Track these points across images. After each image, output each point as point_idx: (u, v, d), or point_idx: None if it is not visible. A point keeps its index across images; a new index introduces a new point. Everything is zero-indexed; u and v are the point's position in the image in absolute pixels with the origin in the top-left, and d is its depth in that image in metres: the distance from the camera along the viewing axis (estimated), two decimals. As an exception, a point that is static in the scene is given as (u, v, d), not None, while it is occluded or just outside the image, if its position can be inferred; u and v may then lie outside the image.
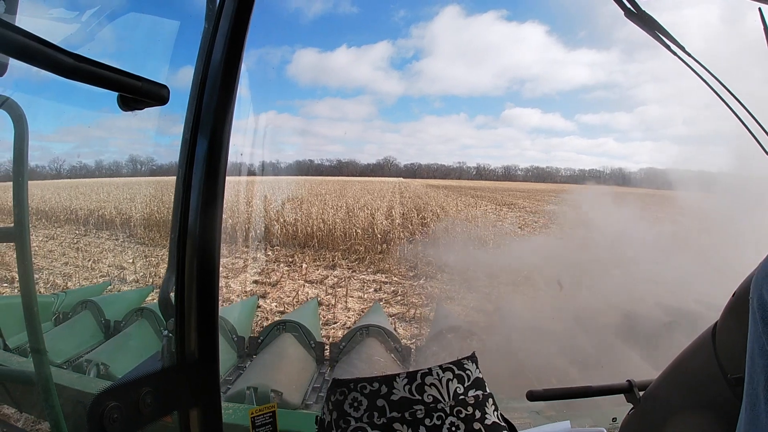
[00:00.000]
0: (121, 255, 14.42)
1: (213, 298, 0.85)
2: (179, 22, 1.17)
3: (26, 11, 1.12)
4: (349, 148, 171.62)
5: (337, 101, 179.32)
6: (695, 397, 1.12)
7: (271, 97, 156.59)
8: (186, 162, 0.85)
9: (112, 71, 0.69)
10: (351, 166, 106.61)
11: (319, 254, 14.88)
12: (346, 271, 13.00)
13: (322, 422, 1.08)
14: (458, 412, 1.05)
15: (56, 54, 0.63)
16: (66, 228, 18.31)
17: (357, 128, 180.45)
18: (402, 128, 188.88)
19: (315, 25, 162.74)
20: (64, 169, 36.62)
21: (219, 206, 0.85)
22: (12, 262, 9.38)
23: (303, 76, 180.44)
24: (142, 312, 5.75)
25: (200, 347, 0.85)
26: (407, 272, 12.94)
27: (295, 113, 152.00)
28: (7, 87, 1.33)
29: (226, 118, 0.84)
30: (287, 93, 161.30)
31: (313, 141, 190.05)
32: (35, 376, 1.60)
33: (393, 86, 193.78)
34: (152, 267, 12.81)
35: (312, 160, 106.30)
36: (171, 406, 0.85)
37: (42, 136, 26.37)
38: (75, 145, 37.65)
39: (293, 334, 5.62)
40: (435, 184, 58.35)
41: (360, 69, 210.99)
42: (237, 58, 0.85)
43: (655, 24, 1.09)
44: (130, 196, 22.54)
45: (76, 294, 7.00)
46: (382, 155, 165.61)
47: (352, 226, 16.83)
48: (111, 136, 41.14)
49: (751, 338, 0.69)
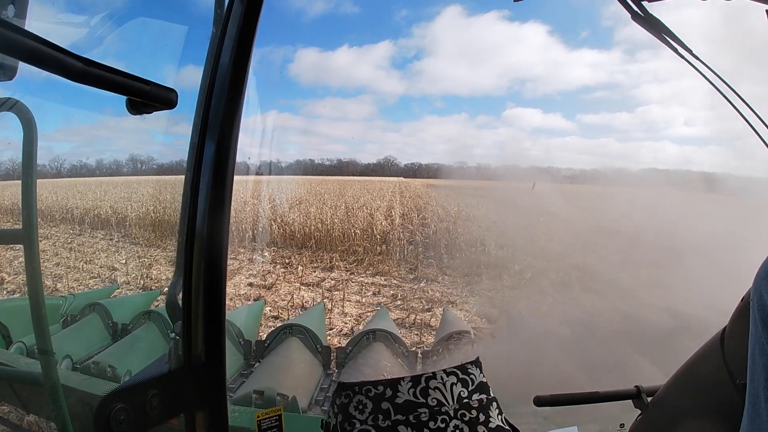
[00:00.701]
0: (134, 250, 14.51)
1: (220, 300, 0.86)
2: (188, 27, 1.18)
3: (36, 15, 1.13)
4: (350, 148, 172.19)
5: (338, 101, 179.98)
6: (704, 403, 1.10)
7: (273, 97, 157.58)
8: (194, 165, 0.85)
9: (120, 75, 0.69)
10: (351, 166, 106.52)
11: (316, 255, 14.50)
12: (344, 273, 12.61)
13: (328, 425, 1.08)
14: (462, 415, 1.05)
15: (65, 58, 0.63)
16: (80, 227, 18.51)
17: (358, 128, 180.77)
18: (403, 128, 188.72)
19: (317, 24, 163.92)
20: (72, 170, 36.93)
21: (227, 209, 0.85)
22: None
23: (305, 76, 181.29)
24: (150, 315, 5.79)
25: (207, 350, 0.85)
26: (407, 274, 12.61)
27: (297, 113, 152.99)
28: (17, 90, 1.34)
29: (234, 121, 0.85)
30: (289, 92, 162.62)
31: (315, 140, 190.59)
32: (42, 377, 1.61)
33: (394, 86, 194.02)
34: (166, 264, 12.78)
35: (313, 160, 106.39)
36: (177, 409, 0.85)
37: (50, 136, 26.62)
38: (82, 147, 37.97)
39: (299, 338, 5.61)
40: (436, 184, 57.12)
41: (361, 68, 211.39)
42: (245, 62, 0.85)
43: (662, 27, 1.09)
44: (140, 197, 22.46)
45: (83, 297, 7.09)
46: (383, 155, 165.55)
47: (350, 226, 16.47)
48: (120, 139, 41.49)
49: (752, 339, 0.71)
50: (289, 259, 13.85)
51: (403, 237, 16.09)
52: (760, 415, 0.66)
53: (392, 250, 14.66)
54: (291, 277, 12.01)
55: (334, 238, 15.49)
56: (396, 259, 14.01)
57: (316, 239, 15.62)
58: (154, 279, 11.44)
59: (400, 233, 16.49)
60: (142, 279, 11.52)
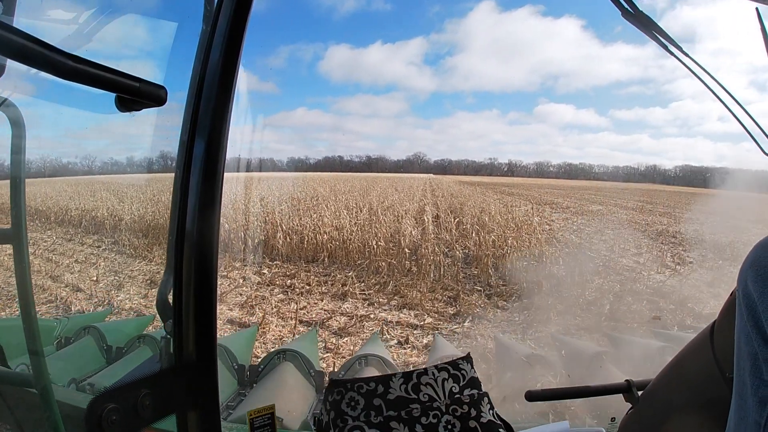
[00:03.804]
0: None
1: (211, 299, 0.86)
2: (177, 24, 1.17)
3: (24, 12, 1.12)
4: (380, 144, 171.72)
5: (369, 97, 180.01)
6: (694, 397, 1.12)
7: (301, 94, 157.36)
8: (184, 163, 0.85)
9: (109, 72, 0.69)
10: (380, 163, 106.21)
11: (327, 273, 11.48)
12: (360, 304, 9.38)
13: (320, 422, 1.09)
14: (454, 410, 1.06)
15: (54, 55, 0.63)
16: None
17: (388, 124, 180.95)
18: (433, 124, 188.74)
19: (348, 21, 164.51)
20: (60, 169, 36.58)
21: (217, 208, 0.85)
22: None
23: (335, 73, 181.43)
24: (144, 339, 5.89)
25: (198, 349, 0.85)
26: (445, 307, 9.22)
27: (327, 110, 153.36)
28: (5, 88, 1.33)
29: (223, 119, 0.85)
30: (319, 89, 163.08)
31: (344, 137, 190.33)
32: (32, 379, 1.59)
33: (426, 82, 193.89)
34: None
35: (341, 156, 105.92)
36: (169, 408, 0.85)
37: (40, 137, 26.33)
38: (73, 145, 37.65)
39: (293, 363, 5.67)
40: (467, 181, 53.31)
41: (393, 65, 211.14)
42: (235, 59, 0.85)
43: (652, 24, 1.10)
44: (129, 196, 21.75)
45: (77, 320, 7.20)
46: (412, 151, 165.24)
47: (373, 235, 13.43)
48: (109, 136, 41.14)
49: (738, 327, 0.73)
50: (291, 279, 10.97)
51: (438, 250, 12.66)
52: (747, 402, 0.68)
53: (424, 268, 11.30)
54: (287, 310, 9.03)
55: (351, 251, 12.67)
56: (430, 280, 10.71)
57: (329, 251, 12.86)
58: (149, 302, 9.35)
59: (434, 244, 13.12)
60: (136, 300, 9.58)
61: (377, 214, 17.12)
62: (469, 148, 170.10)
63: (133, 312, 9.11)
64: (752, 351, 0.68)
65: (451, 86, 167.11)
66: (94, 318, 7.78)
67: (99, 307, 9.33)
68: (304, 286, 10.38)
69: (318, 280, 10.83)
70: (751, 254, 0.73)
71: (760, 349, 0.67)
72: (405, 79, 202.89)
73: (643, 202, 30.51)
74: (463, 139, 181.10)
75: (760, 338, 0.67)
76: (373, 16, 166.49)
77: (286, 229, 14.00)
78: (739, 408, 0.70)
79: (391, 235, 13.79)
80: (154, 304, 4.89)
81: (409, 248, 12.61)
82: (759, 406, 0.65)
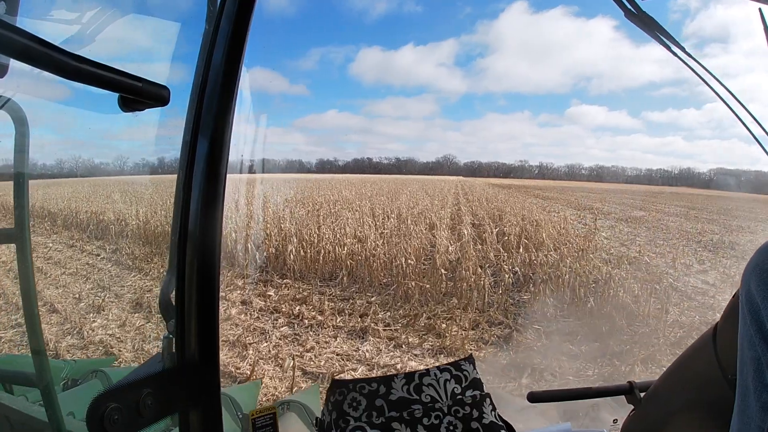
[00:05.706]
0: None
1: (213, 299, 0.86)
2: (180, 24, 1.17)
3: (27, 12, 1.12)
4: (410, 146, 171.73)
5: (399, 100, 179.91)
6: (696, 398, 1.12)
7: (332, 96, 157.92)
8: (186, 163, 0.85)
9: (113, 72, 0.69)
10: (409, 164, 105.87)
11: (345, 298, 9.39)
12: (383, 346, 7.23)
13: (322, 423, 1.09)
14: (456, 411, 1.06)
15: (57, 55, 0.63)
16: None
17: (418, 126, 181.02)
18: (464, 126, 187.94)
19: (379, 24, 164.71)
20: (65, 169, 36.72)
21: (219, 208, 0.85)
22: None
23: (366, 75, 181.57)
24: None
25: (200, 349, 0.85)
26: (495, 352, 6.98)
27: (357, 112, 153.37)
28: (8, 88, 1.33)
29: (226, 119, 0.85)
30: (350, 92, 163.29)
31: (374, 139, 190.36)
32: (35, 376, 1.60)
33: (456, 84, 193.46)
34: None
35: (370, 158, 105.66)
36: (171, 408, 0.85)
37: (43, 136, 26.39)
38: (76, 145, 37.80)
39: (295, 413, 5.57)
40: (497, 183, 50.34)
41: (424, 67, 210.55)
42: (237, 59, 0.85)
43: (654, 25, 1.09)
44: (131, 197, 21.45)
45: (84, 364, 7.06)
46: (442, 153, 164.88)
47: (402, 250, 11.08)
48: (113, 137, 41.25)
49: (741, 331, 0.72)
50: (301, 306, 8.88)
51: (481, 270, 9.94)
52: (750, 406, 0.68)
53: (465, 294, 8.99)
54: (288, 352, 7.04)
55: (375, 269, 10.37)
56: (472, 310, 8.42)
57: (349, 268, 10.65)
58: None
59: (476, 264, 10.29)
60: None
61: (406, 223, 14.85)
62: (500, 150, 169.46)
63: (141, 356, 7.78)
64: (755, 355, 0.68)
65: (482, 88, 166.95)
66: (100, 363, 7.68)
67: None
68: (316, 315, 8.49)
69: (333, 307, 8.85)
70: (755, 257, 0.72)
71: (763, 354, 0.67)
72: (436, 80, 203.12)
73: (686, 207, 28.65)
74: (493, 141, 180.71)
75: (763, 342, 0.67)
76: (404, 18, 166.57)
77: (302, 239, 12.04)
78: (742, 413, 0.70)
79: (423, 249, 11.69)
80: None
81: (445, 268, 10.21)
82: (762, 411, 0.65)
